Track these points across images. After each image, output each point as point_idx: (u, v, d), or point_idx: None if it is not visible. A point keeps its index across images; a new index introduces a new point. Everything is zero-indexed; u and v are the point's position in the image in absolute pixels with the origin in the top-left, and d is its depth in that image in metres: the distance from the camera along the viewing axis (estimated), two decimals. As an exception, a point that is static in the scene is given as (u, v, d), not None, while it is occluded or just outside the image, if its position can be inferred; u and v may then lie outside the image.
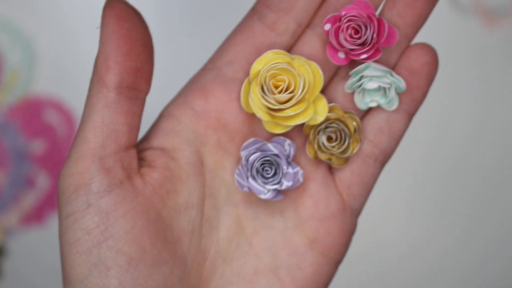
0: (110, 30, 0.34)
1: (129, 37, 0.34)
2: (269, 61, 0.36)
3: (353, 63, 0.37)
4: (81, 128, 0.34)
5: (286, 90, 0.36)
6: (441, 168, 0.75)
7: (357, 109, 0.38)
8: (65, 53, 0.74)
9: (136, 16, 0.34)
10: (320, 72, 0.36)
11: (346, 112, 0.37)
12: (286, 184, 0.37)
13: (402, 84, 0.37)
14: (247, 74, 0.37)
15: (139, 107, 0.35)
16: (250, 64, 0.37)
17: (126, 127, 0.34)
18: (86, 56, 0.72)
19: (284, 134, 0.37)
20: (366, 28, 0.36)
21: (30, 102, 0.73)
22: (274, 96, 0.35)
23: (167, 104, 0.38)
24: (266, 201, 0.38)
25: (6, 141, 0.73)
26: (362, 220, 0.40)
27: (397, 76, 0.37)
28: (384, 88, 0.37)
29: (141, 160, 0.36)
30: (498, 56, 0.75)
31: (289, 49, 0.38)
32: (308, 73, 0.36)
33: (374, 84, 0.36)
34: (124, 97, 0.34)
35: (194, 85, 0.37)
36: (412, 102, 0.38)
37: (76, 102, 0.73)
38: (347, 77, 0.37)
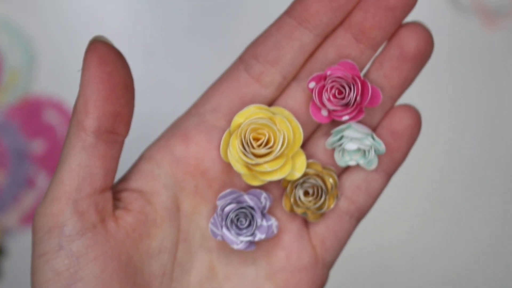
0: (90, 74, 0.33)
1: (110, 81, 0.34)
2: (250, 115, 0.36)
3: (335, 121, 0.37)
4: (58, 169, 0.34)
5: (266, 145, 0.36)
6: (439, 166, 0.75)
7: (336, 165, 0.38)
8: (65, 53, 0.73)
9: (118, 58, 0.34)
10: (300, 130, 0.36)
11: (325, 168, 0.37)
12: (259, 236, 0.37)
13: (382, 148, 0.36)
14: (229, 123, 0.37)
15: (117, 150, 0.35)
16: (233, 113, 0.37)
17: (102, 170, 0.34)
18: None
19: (263, 186, 0.37)
20: (350, 89, 0.35)
21: (30, 102, 0.73)
22: (253, 150, 0.35)
23: (148, 146, 0.38)
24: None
25: (6, 141, 0.73)
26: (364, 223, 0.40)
27: (377, 139, 0.36)
28: (364, 150, 0.37)
29: (117, 201, 0.36)
30: (498, 56, 0.75)
31: (274, 101, 0.37)
32: (288, 130, 0.36)
33: (354, 146, 0.36)
34: (102, 141, 0.34)
35: (176, 129, 0.37)
36: (391, 163, 0.37)
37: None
38: (328, 133, 0.37)
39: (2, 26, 0.73)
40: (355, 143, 0.36)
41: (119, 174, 0.37)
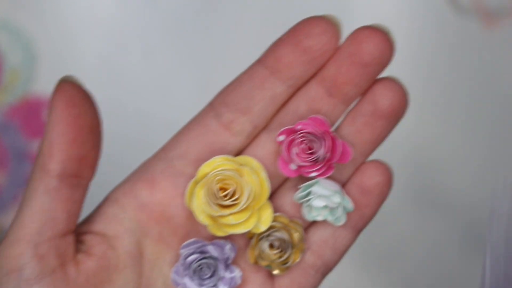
0: (57, 116, 0.33)
1: (76, 123, 0.33)
2: (217, 166, 0.35)
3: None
4: (19, 211, 0.34)
5: (232, 196, 0.35)
6: (441, 168, 0.75)
7: (303, 219, 0.37)
8: (65, 53, 0.73)
9: (86, 100, 0.33)
10: (268, 183, 0.35)
11: (291, 221, 0.37)
12: (222, 287, 0.36)
13: (350, 206, 0.36)
14: (196, 170, 0.36)
15: (81, 194, 0.34)
16: (201, 160, 0.36)
17: (65, 214, 0.34)
18: (86, 56, 0.72)
19: (227, 236, 0.37)
20: (320, 145, 0.35)
21: (30, 102, 0.73)
22: (218, 201, 0.35)
23: (114, 187, 0.37)
24: (202, 299, 0.37)
25: (6, 141, 0.72)
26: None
27: (346, 197, 0.35)
28: (332, 207, 0.36)
29: (80, 244, 0.35)
30: (498, 56, 0.74)
31: (243, 149, 0.37)
32: (255, 182, 0.35)
33: (321, 203, 0.35)
34: (66, 184, 0.33)
35: (143, 173, 0.37)
36: (360, 219, 0.37)
37: None
38: (297, 185, 0.36)
39: (2, 26, 0.73)
40: (322, 200, 0.35)
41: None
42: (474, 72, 0.74)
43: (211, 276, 0.36)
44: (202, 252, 0.36)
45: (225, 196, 0.35)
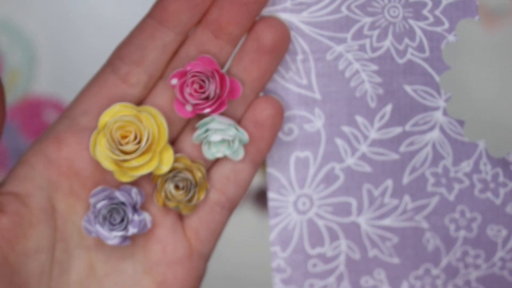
0: None
1: None
2: (116, 113, 0.37)
3: (201, 116, 0.38)
4: None
5: (133, 141, 0.36)
6: None
7: (205, 159, 0.39)
8: (65, 53, 0.73)
9: None
10: (165, 125, 0.37)
11: (193, 162, 0.38)
12: (132, 230, 0.37)
13: (245, 137, 0.37)
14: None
15: None
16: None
17: None
18: (86, 56, 0.72)
19: (134, 182, 0.38)
20: (210, 83, 0.36)
21: (30, 102, 0.72)
22: (121, 147, 0.36)
23: (24, 151, 0.38)
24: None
25: (6, 141, 0.72)
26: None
27: (240, 129, 0.37)
28: (229, 140, 0.38)
29: None
30: (498, 56, 0.75)
31: (141, 100, 0.38)
32: (153, 126, 0.37)
33: (218, 137, 0.37)
34: None
35: (49, 133, 0.38)
36: (257, 152, 0.38)
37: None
38: (195, 128, 0.38)
39: (2, 26, 0.72)
40: (219, 135, 0.37)
41: None
42: (474, 72, 0.75)
43: (121, 221, 0.37)
44: (110, 199, 0.37)
45: (127, 143, 0.36)
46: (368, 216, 0.40)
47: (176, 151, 0.38)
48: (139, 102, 0.38)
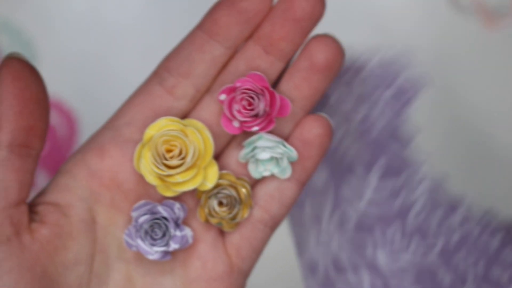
0: (4, 90, 0.33)
1: (23, 96, 0.33)
2: (162, 128, 0.36)
3: (248, 132, 0.37)
4: None
5: (178, 156, 0.35)
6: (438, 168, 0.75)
7: (250, 177, 0.38)
8: (65, 53, 0.71)
9: (32, 74, 0.34)
10: (211, 140, 0.36)
11: (238, 179, 0.37)
12: (173, 246, 0.36)
13: (294, 154, 0.36)
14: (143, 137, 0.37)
15: (32, 164, 0.35)
16: (147, 126, 0.36)
17: (17, 184, 0.34)
18: (86, 56, 0.71)
19: (177, 197, 0.37)
20: (259, 100, 0.35)
21: None
22: (165, 161, 0.35)
23: (65, 161, 0.38)
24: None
25: None
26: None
27: (289, 146, 0.36)
28: (277, 158, 0.37)
29: (33, 214, 0.35)
30: (498, 56, 0.75)
31: (187, 113, 0.37)
32: (199, 141, 0.35)
33: (267, 155, 0.36)
34: (16, 155, 0.34)
35: (92, 144, 0.37)
36: (303, 171, 0.37)
37: (76, 102, 0.71)
38: (242, 145, 0.37)
39: (2, 26, 0.71)
40: (267, 152, 0.36)
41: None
42: (474, 72, 0.75)
43: (162, 236, 0.36)
44: (152, 213, 0.36)
45: (172, 157, 0.35)
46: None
47: (220, 167, 0.37)
48: (185, 115, 0.37)
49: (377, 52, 0.48)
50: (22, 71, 0.34)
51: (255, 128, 0.35)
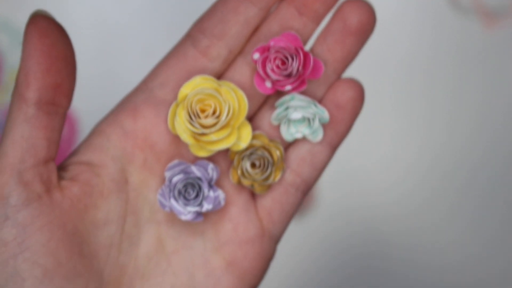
0: (31, 47, 0.33)
1: (50, 53, 0.33)
2: (196, 86, 0.36)
3: (280, 94, 0.37)
4: (1, 142, 0.34)
5: (212, 115, 0.35)
6: (441, 167, 0.75)
7: (282, 140, 0.38)
8: None
9: (59, 32, 0.33)
10: (245, 99, 0.36)
11: (271, 141, 0.37)
12: (206, 206, 0.36)
13: (325, 115, 0.36)
14: (177, 97, 0.37)
15: (59, 122, 0.34)
16: (180, 87, 0.36)
17: (45, 141, 0.34)
18: (85, 56, 0.71)
19: (209, 158, 0.37)
20: (293, 60, 0.35)
21: None
22: (200, 120, 0.35)
23: (99, 120, 0.38)
24: (188, 222, 0.37)
25: None
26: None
27: (321, 107, 0.36)
28: (309, 119, 0.36)
29: (64, 173, 0.35)
30: (498, 56, 0.75)
31: (220, 75, 0.37)
32: (233, 100, 0.35)
33: (299, 114, 0.36)
34: (44, 112, 0.33)
35: (126, 104, 0.37)
36: (335, 135, 0.37)
37: (76, 102, 0.71)
38: (274, 107, 0.37)
39: (2, 26, 0.71)
40: (300, 112, 0.36)
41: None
42: (474, 72, 0.75)
43: (195, 197, 0.36)
44: (186, 173, 0.36)
45: (206, 116, 0.35)
46: None
47: (253, 129, 0.37)
48: (217, 77, 0.37)
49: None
50: (49, 28, 0.33)
51: (288, 87, 0.35)
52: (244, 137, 0.36)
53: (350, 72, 0.38)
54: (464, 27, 0.74)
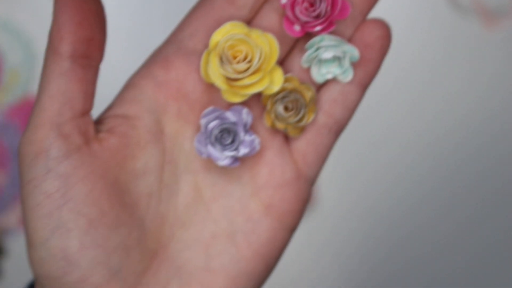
0: (63, 2, 0.34)
1: (81, 7, 0.33)
2: (227, 32, 0.36)
3: (309, 37, 0.37)
4: (38, 98, 0.34)
5: (244, 60, 0.36)
6: (440, 167, 0.75)
7: (313, 83, 0.38)
8: None
9: None
10: (276, 43, 0.36)
11: (302, 83, 0.37)
12: (243, 151, 0.36)
13: (355, 53, 0.37)
14: (207, 46, 0.36)
15: (93, 75, 0.35)
16: (210, 36, 0.36)
17: (81, 94, 0.34)
18: None
19: (243, 104, 0.37)
20: (321, 1, 0.36)
21: (30, 102, 0.72)
22: (232, 66, 0.36)
23: (131, 74, 0.38)
24: (224, 169, 0.37)
25: (6, 141, 0.71)
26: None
27: (350, 45, 0.37)
28: (339, 58, 0.37)
29: (101, 125, 0.36)
30: (498, 56, 0.75)
31: (248, 23, 0.37)
32: (264, 44, 0.36)
33: (330, 54, 0.36)
34: (78, 65, 0.34)
35: (157, 57, 0.37)
36: (365, 74, 0.38)
37: None
38: (304, 51, 0.38)
39: (2, 26, 0.71)
40: (330, 51, 0.36)
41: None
42: (474, 72, 0.75)
43: (232, 142, 0.36)
44: (221, 119, 0.36)
45: (238, 62, 0.36)
46: None
47: (283, 72, 0.37)
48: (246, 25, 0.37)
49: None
50: None
51: (318, 28, 0.36)
52: (276, 81, 0.36)
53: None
54: (464, 27, 0.75)
